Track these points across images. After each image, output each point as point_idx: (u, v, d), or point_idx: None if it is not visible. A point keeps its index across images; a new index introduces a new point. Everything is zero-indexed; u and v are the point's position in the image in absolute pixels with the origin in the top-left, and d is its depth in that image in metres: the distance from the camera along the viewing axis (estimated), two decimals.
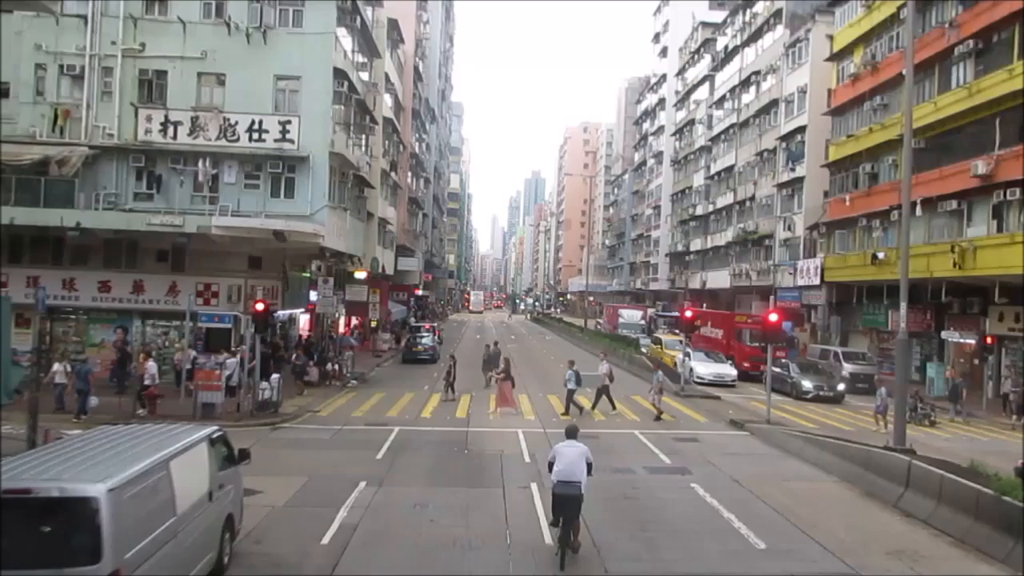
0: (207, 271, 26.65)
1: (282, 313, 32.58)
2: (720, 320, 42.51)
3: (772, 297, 49.40)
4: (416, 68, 58.34)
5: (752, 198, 54.01)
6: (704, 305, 64.66)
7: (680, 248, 71.82)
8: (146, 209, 25.91)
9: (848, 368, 33.74)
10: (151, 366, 20.03)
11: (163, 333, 27.51)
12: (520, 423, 21.82)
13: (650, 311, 65.28)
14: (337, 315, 33.25)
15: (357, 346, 40.66)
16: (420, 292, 72.58)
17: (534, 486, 14.56)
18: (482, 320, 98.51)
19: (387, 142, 47.10)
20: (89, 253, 26.42)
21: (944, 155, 32.15)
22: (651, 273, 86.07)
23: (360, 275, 41.58)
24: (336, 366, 29.00)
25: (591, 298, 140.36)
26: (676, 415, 24.20)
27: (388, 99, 47.55)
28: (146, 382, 19.86)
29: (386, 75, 44.82)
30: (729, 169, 59.49)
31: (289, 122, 26.70)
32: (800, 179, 46.39)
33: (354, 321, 49.11)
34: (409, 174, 58.53)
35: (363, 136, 35.44)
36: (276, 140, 26.60)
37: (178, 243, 25.54)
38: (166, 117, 26.49)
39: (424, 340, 41.17)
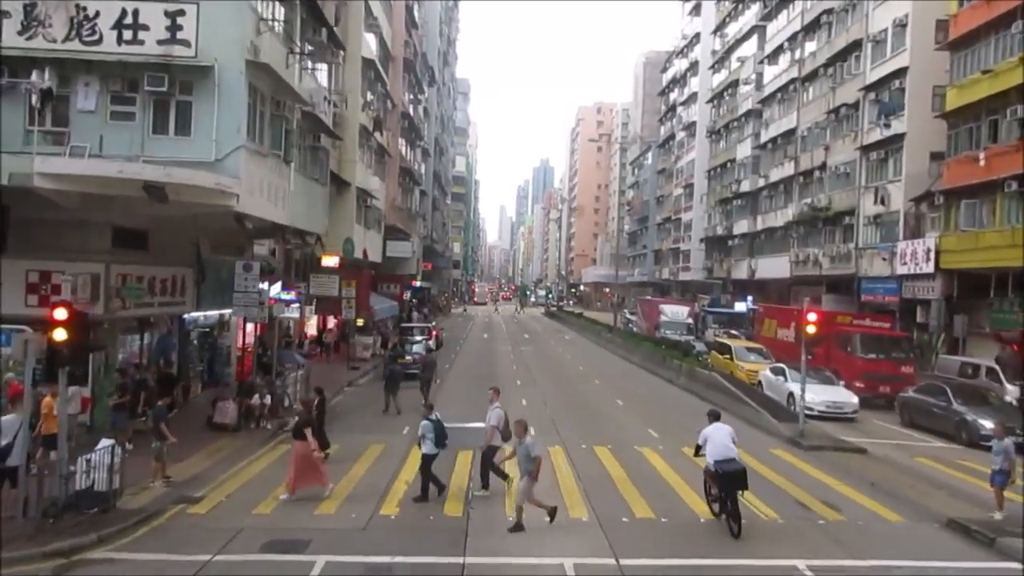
0: (49, 252, 16.51)
1: (202, 316, 22.60)
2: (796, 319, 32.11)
3: (855, 289, 39.22)
4: (410, 10, 48.09)
5: (822, 167, 43.68)
6: (750, 299, 54.75)
7: (720, 232, 61.64)
8: None
9: (1013, 392, 23.51)
10: None
11: None
12: (564, 536, 11.66)
13: (696, 307, 54.70)
14: (280, 316, 23.22)
15: (315, 357, 30.69)
16: (418, 283, 62.48)
17: None
18: (490, 316, 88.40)
19: (369, 93, 37.01)
20: None
21: None
22: (681, 261, 75.94)
23: (329, 261, 31.65)
24: (266, 399, 18.93)
25: (607, 290, 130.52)
26: (831, 498, 13.87)
27: (371, 39, 37.42)
28: None
29: (366, 3, 34.65)
30: (788, 134, 49.19)
31: (181, 12, 16.56)
32: (898, 137, 36.02)
33: (331, 322, 39.21)
34: (401, 141, 48.41)
35: (324, 66, 25.33)
36: (161, 41, 16.48)
37: None
38: None
39: (414, 347, 31.08)
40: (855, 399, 23.15)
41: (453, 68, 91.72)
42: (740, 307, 53.91)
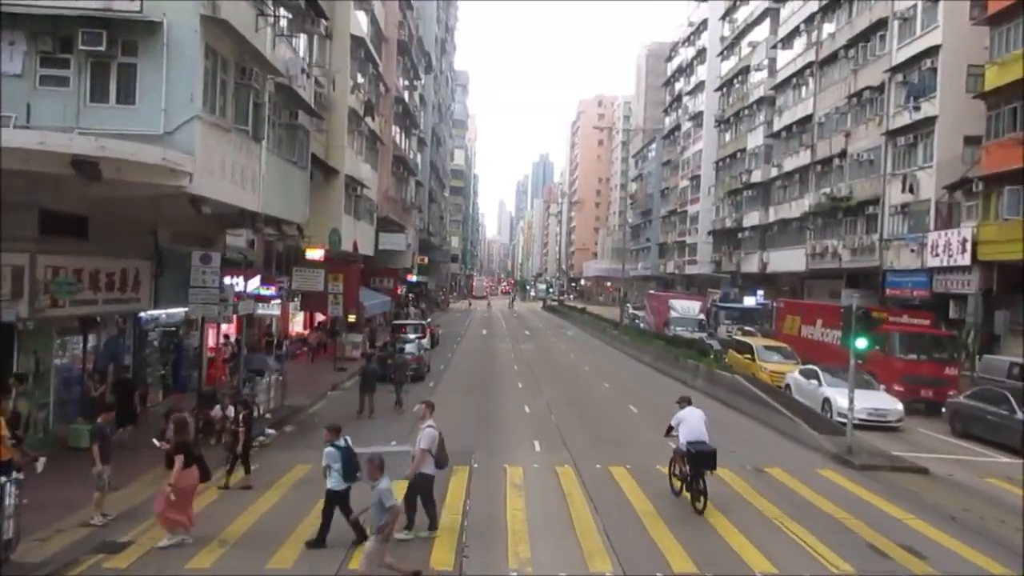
0: None
1: (164, 314, 20.06)
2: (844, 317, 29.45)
3: (880, 283, 36.67)
4: None
5: (842, 154, 41.14)
6: (760, 293, 52.30)
7: (729, 224, 59.14)
8: None
9: None
10: None
11: None
12: None
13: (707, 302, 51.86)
14: (254, 313, 20.71)
15: (300, 357, 28.16)
16: (414, 277, 59.95)
17: None
18: (489, 311, 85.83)
19: (360, 75, 34.45)
20: None
21: None
22: (687, 255, 73.37)
23: (314, 254, 29.14)
24: (229, 411, 16.36)
25: (609, 284, 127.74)
26: (911, 540, 11.27)
27: (362, 17, 34.88)
28: None
29: None
30: (804, 121, 46.62)
31: None
32: (929, 120, 33.46)
33: (319, 319, 36.68)
34: (396, 128, 45.83)
35: (305, 38, 22.74)
36: None
37: None
38: None
39: (407, 347, 28.50)
40: (899, 406, 20.56)
41: (451, 58, 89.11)
42: (749, 302, 51.55)
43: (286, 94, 20.25)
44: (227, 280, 23.42)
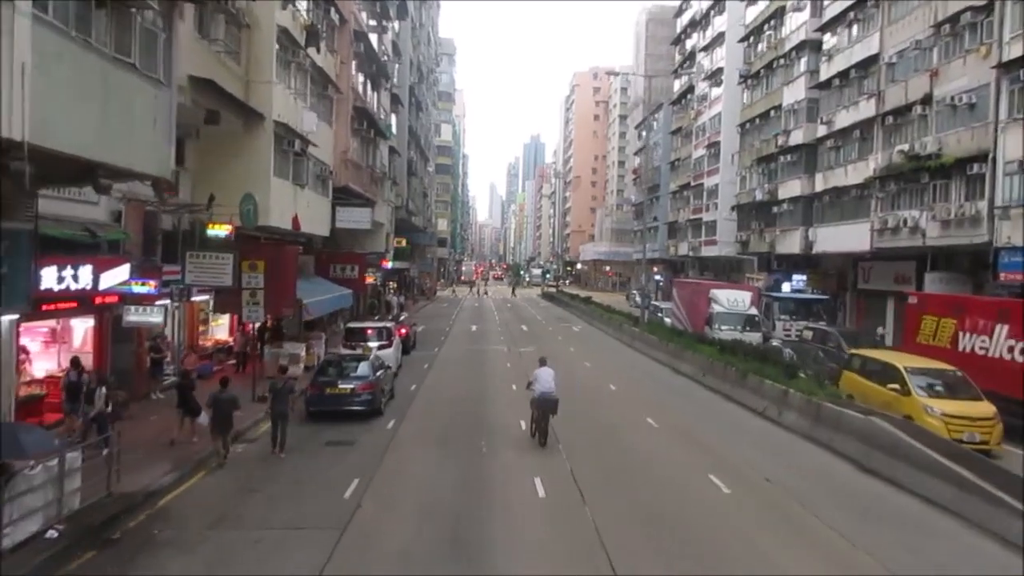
0: None
1: None
2: None
3: (991, 263, 27.74)
4: None
5: (925, 100, 32.11)
6: (800, 279, 43.60)
7: (760, 197, 49.98)
8: None
9: None
10: None
11: None
12: None
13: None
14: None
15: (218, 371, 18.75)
16: (390, 263, 50.61)
17: None
18: (480, 299, 76.72)
19: None
20: None
21: None
22: (704, 234, 64.51)
23: (217, 231, 20.03)
24: None
25: (608, 268, 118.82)
26: None
27: None
28: None
29: None
30: (865, 64, 37.49)
31: None
32: None
33: (251, 327, 27.50)
34: (360, 76, 36.52)
35: None
36: None
37: None
38: None
39: (357, 369, 19.29)
40: None
41: (434, 14, 79.41)
42: (784, 288, 43.01)
43: None
44: (51, 270, 14.59)
